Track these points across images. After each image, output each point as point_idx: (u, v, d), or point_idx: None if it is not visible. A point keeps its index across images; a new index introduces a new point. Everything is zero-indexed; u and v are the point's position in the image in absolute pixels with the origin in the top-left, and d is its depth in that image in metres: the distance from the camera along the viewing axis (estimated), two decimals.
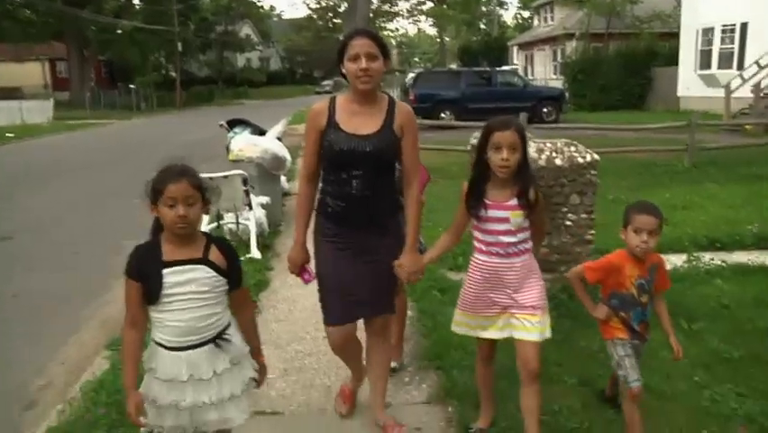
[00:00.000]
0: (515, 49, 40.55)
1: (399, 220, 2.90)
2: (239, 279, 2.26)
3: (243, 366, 2.29)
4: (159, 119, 33.12)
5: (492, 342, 2.87)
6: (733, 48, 21.09)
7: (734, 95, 17.66)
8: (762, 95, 16.66)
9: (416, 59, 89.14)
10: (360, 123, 2.71)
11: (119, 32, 41.76)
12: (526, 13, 61.50)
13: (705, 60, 22.46)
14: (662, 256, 2.95)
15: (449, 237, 2.90)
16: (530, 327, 2.66)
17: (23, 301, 5.53)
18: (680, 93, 23.74)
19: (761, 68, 17.53)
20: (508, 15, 67.71)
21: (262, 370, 2.41)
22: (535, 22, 38.93)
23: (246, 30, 61.93)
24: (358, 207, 2.73)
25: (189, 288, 2.12)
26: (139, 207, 2.29)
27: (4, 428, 3.33)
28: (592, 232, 4.64)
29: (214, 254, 2.17)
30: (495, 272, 2.73)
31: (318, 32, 57.55)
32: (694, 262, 5.52)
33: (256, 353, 2.38)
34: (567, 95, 23.51)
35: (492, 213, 2.69)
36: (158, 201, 2.10)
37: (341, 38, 2.76)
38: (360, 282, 2.75)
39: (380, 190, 2.77)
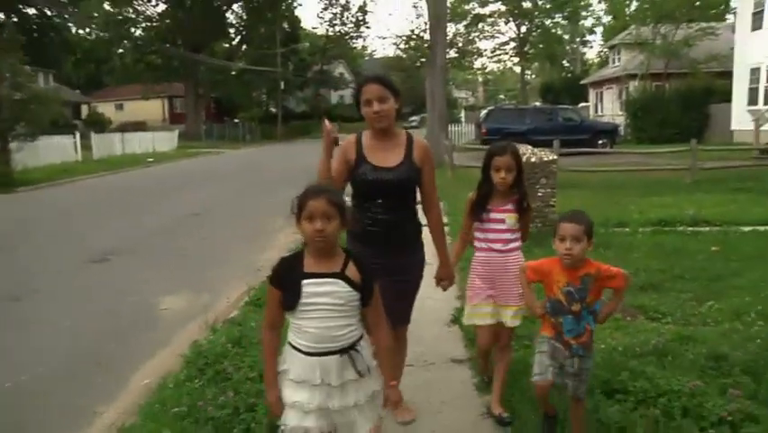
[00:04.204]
0: (589, 87, 43.31)
1: (420, 242, 3.26)
2: (371, 296, 2.32)
3: (369, 379, 2.34)
4: (263, 149, 37.97)
5: (490, 331, 3.37)
6: None
7: None
8: None
9: (501, 96, 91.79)
10: (384, 156, 3.06)
11: (233, 73, 47.35)
12: None
13: (753, 97, 24.85)
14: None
15: (461, 243, 3.52)
16: (515, 316, 3.31)
17: (223, 240, 9.40)
18: (733, 127, 26.04)
19: None
20: (593, 53, 69.70)
21: (389, 396, 2.42)
22: (609, 62, 41.73)
23: (340, 69, 66.85)
24: (382, 230, 3.02)
25: (326, 299, 2.23)
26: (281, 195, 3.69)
27: (247, 277, 6.89)
28: (554, 200, 7.98)
29: (351, 270, 2.28)
30: (494, 265, 3.29)
31: (407, 71, 61.57)
32: (633, 228, 8.69)
33: (388, 377, 2.42)
34: (620, 129, 26.37)
35: (492, 215, 3.29)
36: (300, 216, 2.25)
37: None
38: (384, 296, 2.75)
39: (402, 215, 3.11)
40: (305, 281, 2.23)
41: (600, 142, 24.02)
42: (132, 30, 46.80)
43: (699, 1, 31.96)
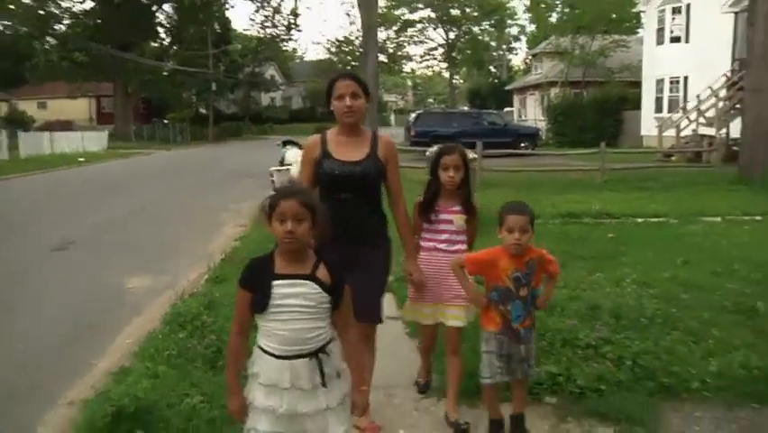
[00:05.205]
0: (514, 93, 45.39)
1: (386, 234, 3.28)
2: (341, 298, 2.33)
3: (341, 381, 2.35)
4: (195, 150, 37.97)
5: (433, 330, 3.51)
6: (678, 96, 25.62)
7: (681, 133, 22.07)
8: (681, 135, 21.12)
9: (430, 100, 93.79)
10: (349, 151, 3.11)
11: (165, 73, 47.01)
12: None
13: (659, 106, 27.00)
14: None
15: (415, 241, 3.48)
16: (457, 316, 3.32)
17: (172, 232, 10.03)
18: (642, 132, 28.16)
19: (684, 112, 22.05)
20: (518, 59, 72.25)
21: (357, 401, 2.43)
22: (532, 69, 43.89)
23: (271, 71, 66.97)
24: (350, 224, 3.01)
25: (296, 300, 2.24)
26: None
27: (201, 262, 7.54)
28: (475, 195, 9.01)
29: (322, 272, 2.29)
30: (438, 266, 3.33)
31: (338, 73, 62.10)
32: (545, 220, 9.83)
33: (357, 382, 2.43)
34: (541, 133, 28.19)
35: (441, 216, 3.35)
36: (272, 217, 2.26)
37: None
38: (356, 290, 2.63)
39: (366, 210, 3.16)
40: (275, 282, 2.24)
41: (522, 144, 25.63)
42: (57, 26, 45.90)
43: (614, 14, 34.25)
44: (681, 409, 3.53)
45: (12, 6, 41.76)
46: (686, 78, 25.17)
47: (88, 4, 46.33)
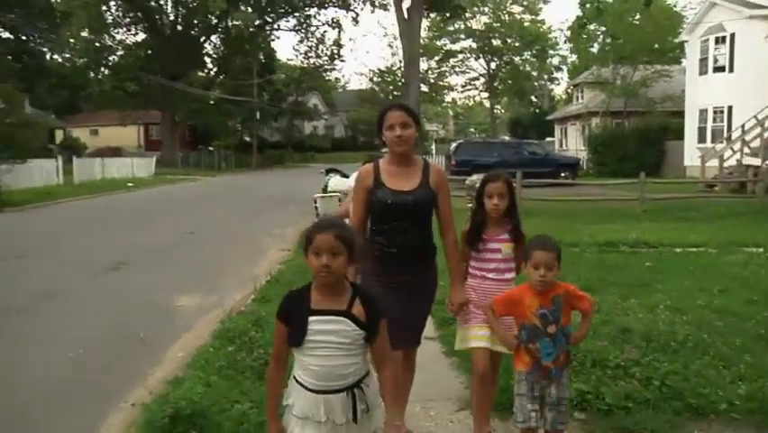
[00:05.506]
0: (555, 122, 45.39)
1: (436, 261, 3.34)
2: (375, 334, 2.30)
3: (373, 415, 2.34)
4: (239, 177, 39.07)
5: (486, 354, 3.33)
6: (722, 125, 25.39)
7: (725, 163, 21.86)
8: (724, 165, 20.90)
9: (472, 130, 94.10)
10: (401, 181, 3.19)
11: (211, 102, 48.47)
12: None
13: (702, 136, 26.75)
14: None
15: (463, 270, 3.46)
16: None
17: (219, 254, 10.41)
18: (686, 163, 27.87)
19: (728, 142, 21.84)
20: (560, 89, 72.06)
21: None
22: (573, 99, 43.91)
23: (314, 100, 68.21)
24: (403, 251, 3.12)
25: (331, 337, 2.24)
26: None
27: (246, 284, 7.89)
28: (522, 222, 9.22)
29: (357, 308, 2.27)
30: (487, 294, 3.29)
31: (380, 104, 62.93)
32: (582, 248, 9.93)
33: (391, 417, 2.37)
34: (582, 163, 28.20)
35: (489, 245, 3.33)
36: (308, 250, 2.27)
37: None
38: (402, 316, 2.80)
39: (421, 236, 3.23)
40: (311, 318, 2.24)
41: (563, 174, 25.65)
42: (111, 57, 47.87)
43: (656, 44, 34.20)
44: (709, 429, 3.64)
45: (72, 41, 43.72)
46: (730, 108, 24.95)
47: (140, 36, 48.24)
